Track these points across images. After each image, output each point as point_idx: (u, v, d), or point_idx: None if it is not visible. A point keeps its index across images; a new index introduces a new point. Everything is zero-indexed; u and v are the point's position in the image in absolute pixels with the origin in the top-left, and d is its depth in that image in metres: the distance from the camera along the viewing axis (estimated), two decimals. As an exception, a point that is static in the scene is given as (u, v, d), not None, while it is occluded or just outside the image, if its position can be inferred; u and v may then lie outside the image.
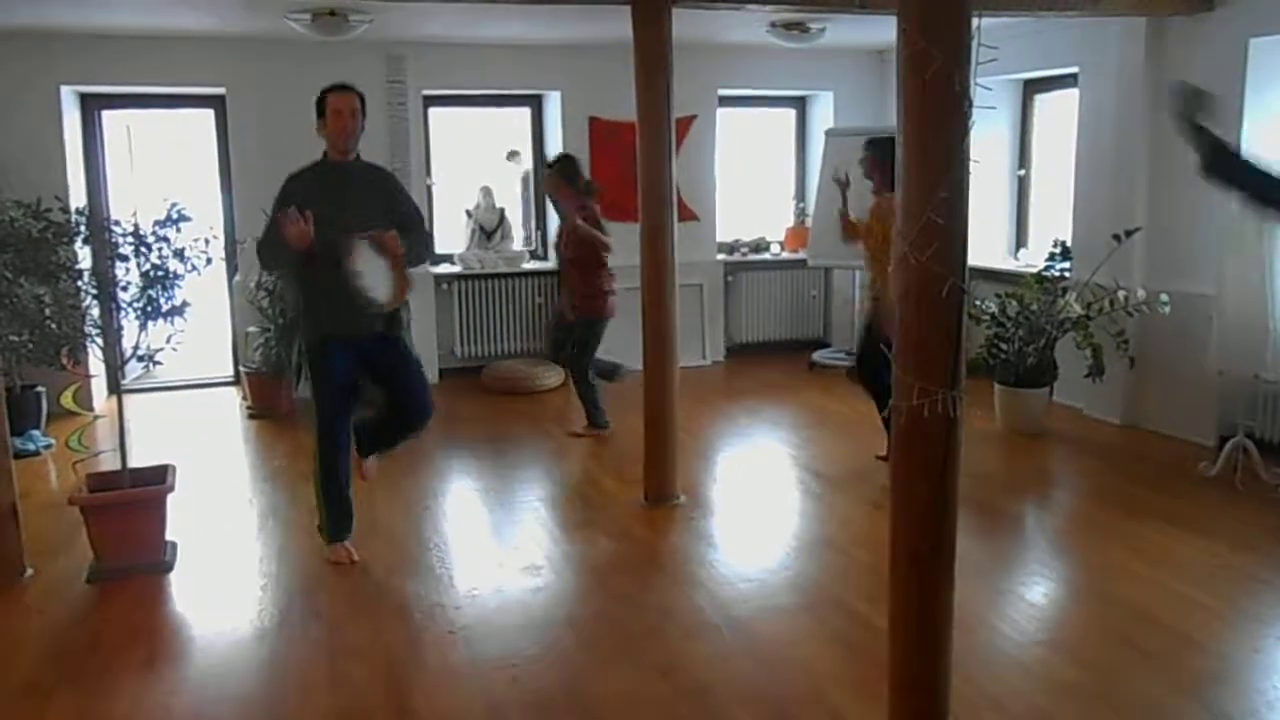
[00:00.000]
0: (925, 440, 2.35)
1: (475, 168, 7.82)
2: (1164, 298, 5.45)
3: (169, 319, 4.06)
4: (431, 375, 7.35)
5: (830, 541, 4.39)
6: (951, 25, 2.21)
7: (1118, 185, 5.94)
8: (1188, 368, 5.48)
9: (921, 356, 2.33)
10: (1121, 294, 5.61)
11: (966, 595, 2.76)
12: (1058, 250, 6.11)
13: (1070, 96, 6.50)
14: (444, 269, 7.56)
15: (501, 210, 7.70)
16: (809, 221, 8.04)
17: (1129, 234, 5.65)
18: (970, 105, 2.23)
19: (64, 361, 4.18)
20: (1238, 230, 4.73)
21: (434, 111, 7.48)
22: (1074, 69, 6.38)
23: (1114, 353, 5.68)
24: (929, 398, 2.29)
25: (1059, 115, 6.97)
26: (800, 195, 8.57)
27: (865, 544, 4.21)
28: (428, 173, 7.44)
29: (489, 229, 7.68)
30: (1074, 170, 6.40)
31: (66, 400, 4.59)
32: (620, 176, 7.42)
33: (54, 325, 4.08)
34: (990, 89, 2.42)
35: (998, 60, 2.26)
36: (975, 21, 2.24)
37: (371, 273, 3.78)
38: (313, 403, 4.09)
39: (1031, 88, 7.21)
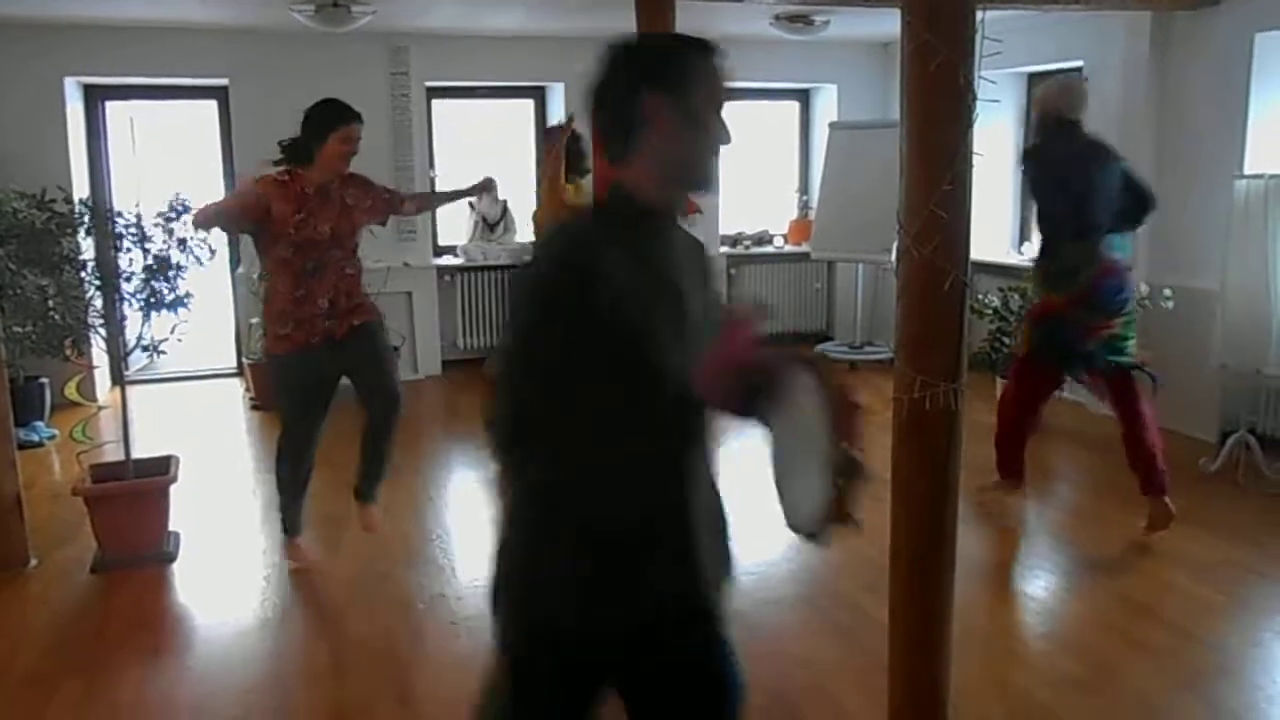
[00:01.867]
0: (927, 433, 2.36)
1: (478, 160, 7.81)
2: (1167, 292, 5.44)
3: (172, 310, 4.07)
4: (434, 367, 7.40)
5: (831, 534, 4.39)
6: (955, 18, 2.20)
7: (1122, 179, 5.92)
8: (1190, 363, 5.46)
9: (924, 350, 2.33)
10: (1124, 288, 5.60)
11: (967, 588, 2.76)
12: (1061, 244, 6.08)
13: (1075, 90, 6.48)
14: (446, 260, 7.57)
15: (504, 202, 7.70)
16: (812, 214, 8.03)
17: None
18: (974, 98, 2.22)
19: (67, 353, 4.19)
20: (1242, 225, 4.73)
21: (437, 103, 7.47)
22: (1079, 62, 6.36)
23: (1117, 347, 5.67)
24: (931, 390, 2.30)
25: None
26: (804, 188, 8.56)
27: (866, 536, 4.17)
28: (431, 165, 7.44)
29: (491, 221, 7.68)
30: (1078, 164, 6.38)
31: (70, 391, 4.60)
32: (623, 169, 7.42)
33: (57, 316, 4.09)
34: (994, 82, 2.42)
35: (1002, 53, 2.26)
36: (979, 15, 2.24)
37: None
38: None
39: (1036, 81, 7.18)
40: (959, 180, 2.24)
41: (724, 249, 8.11)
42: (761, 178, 8.59)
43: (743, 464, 5.53)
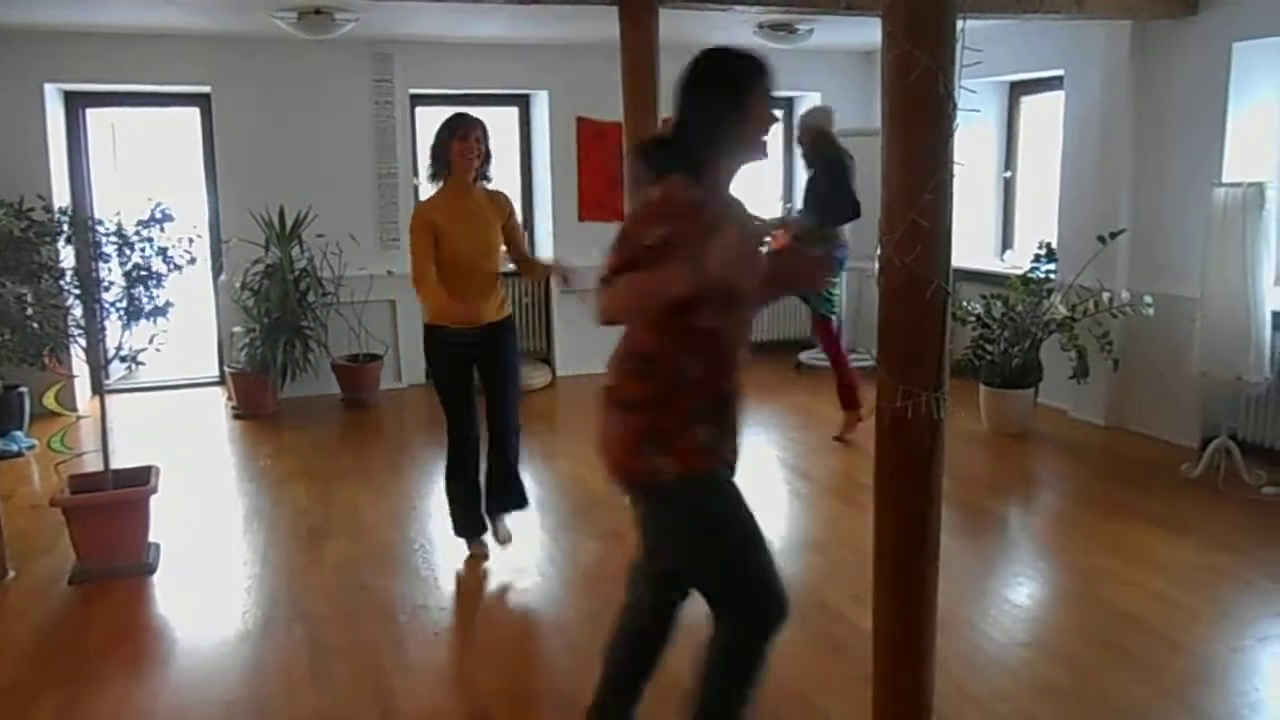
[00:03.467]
0: (909, 441, 2.36)
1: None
2: (1148, 300, 5.47)
3: (152, 319, 4.04)
4: (418, 376, 7.36)
5: (815, 542, 4.39)
6: (936, 28, 2.21)
7: (1103, 187, 5.97)
8: (1171, 370, 5.51)
9: (905, 358, 2.34)
10: (1106, 296, 5.64)
11: (950, 596, 2.77)
12: (1043, 252, 6.14)
13: (1056, 99, 6.53)
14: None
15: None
16: (796, 222, 8.05)
17: (1114, 236, 5.68)
18: (955, 107, 2.23)
19: (46, 362, 4.15)
20: (1220, 233, 4.76)
21: (421, 111, 7.46)
22: (1059, 71, 6.41)
23: (1098, 354, 5.70)
24: (913, 399, 2.30)
25: (1045, 117, 7.00)
26: (787, 195, 8.58)
27: (850, 544, 4.22)
28: (415, 173, 7.42)
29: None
30: (1059, 172, 6.42)
31: (49, 401, 4.56)
32: (607, 177, 7.43)
33: (36, 325, 4.05)
34: (975, 91, 2.42)
35: (983, 63, 2.27)
36: (960, 24, 2.25)
37: None
38: None
39: (1018, 90, 7.24)
40: (940, 189, 2.24)
41: (708, 257, 8.10)
42: (745, 185, 8.58)
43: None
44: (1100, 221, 5.85)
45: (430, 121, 7.69)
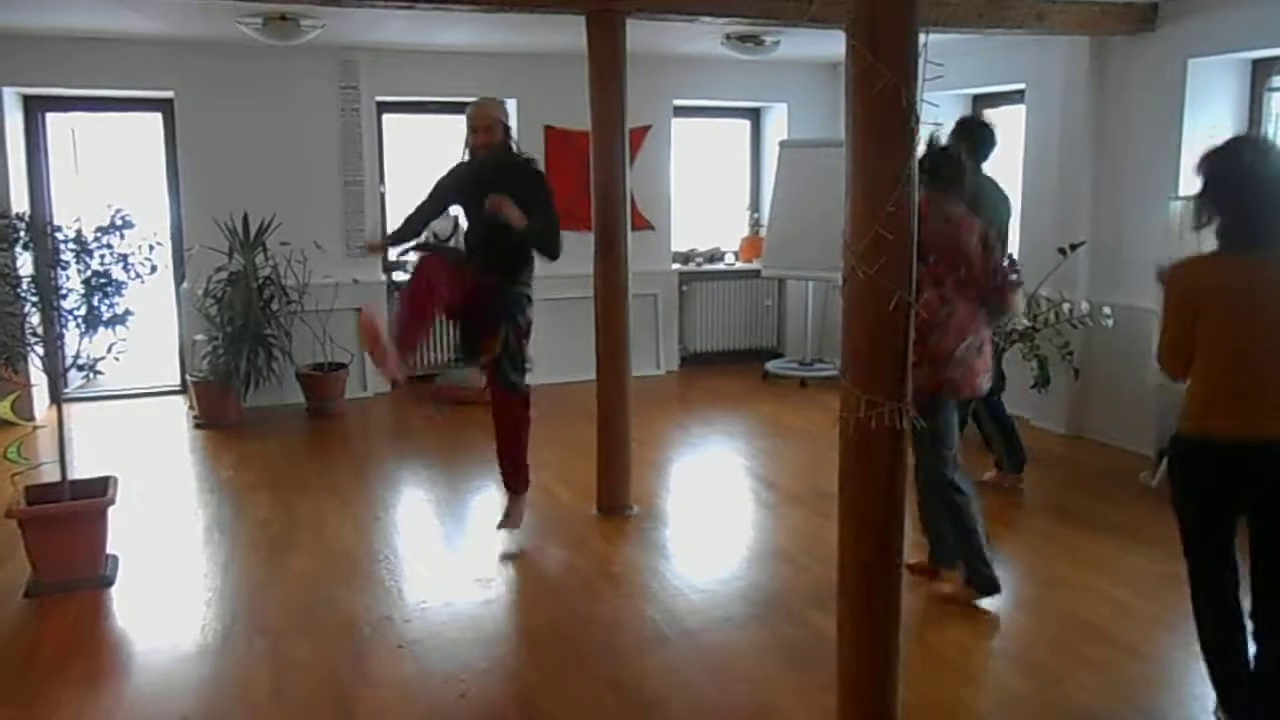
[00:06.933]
0: (873, 451, 2.38)
1: (429, 175, 7.75)
2: (1106, 310, 5.55)
3: (111, 327, 3.98)
4: (384, 384, 7.31)
5: (782, 552, 4.41)
6: (899, 42, 2.24)
7: (1063, 199, 6.06)
8: (1129, 380, 5.59)
9: (869, 368, 2.36)
10: (1066, 307, 5.71)
11: (914, 605, 2.78)
12: (1005, 263, 6.20)
13: (1018, 112, 6.61)
14: (397, 277, 7.50)
15: (455, 219, 7.64)
16: (763, 232, 8.09)
17: (1074, 247, 5.76)
18: (917, 120, 2.26)
19: (2, 371, 4.08)
20: (1177, 246, 4.84)
21: (388, 118, 7.42)
22: (1021, 85, 6.50)
23: (1059, 364, 5.78)
24: (876, 409, 2.32)
25: (1007, 130, 7.07)
26: (755, 206, 8.63)
27: (816, 554, 4.23)
28: (381, 180, 7.38)
29: (443, 237, 7.62)
30: (1021, 184, 6.51)
31: (5, 410, 4.47)
32: (575, 185, 7.43)
33: (-9, 333, 3.98)
34: (938, 105, 2.45)
35: (945, 76, 2.30)
36: (923, 38, 2.27)
37: None
38: None
39: (980, 103, 7.32)
40: (903, 201, 2.27)
41: (675, 266, 8.14)
42: (713, 195, 8.64)
43: (689, 486, 5.53)
44: (1061, 233, 5.93)
45: (397, 129, 7.68)
